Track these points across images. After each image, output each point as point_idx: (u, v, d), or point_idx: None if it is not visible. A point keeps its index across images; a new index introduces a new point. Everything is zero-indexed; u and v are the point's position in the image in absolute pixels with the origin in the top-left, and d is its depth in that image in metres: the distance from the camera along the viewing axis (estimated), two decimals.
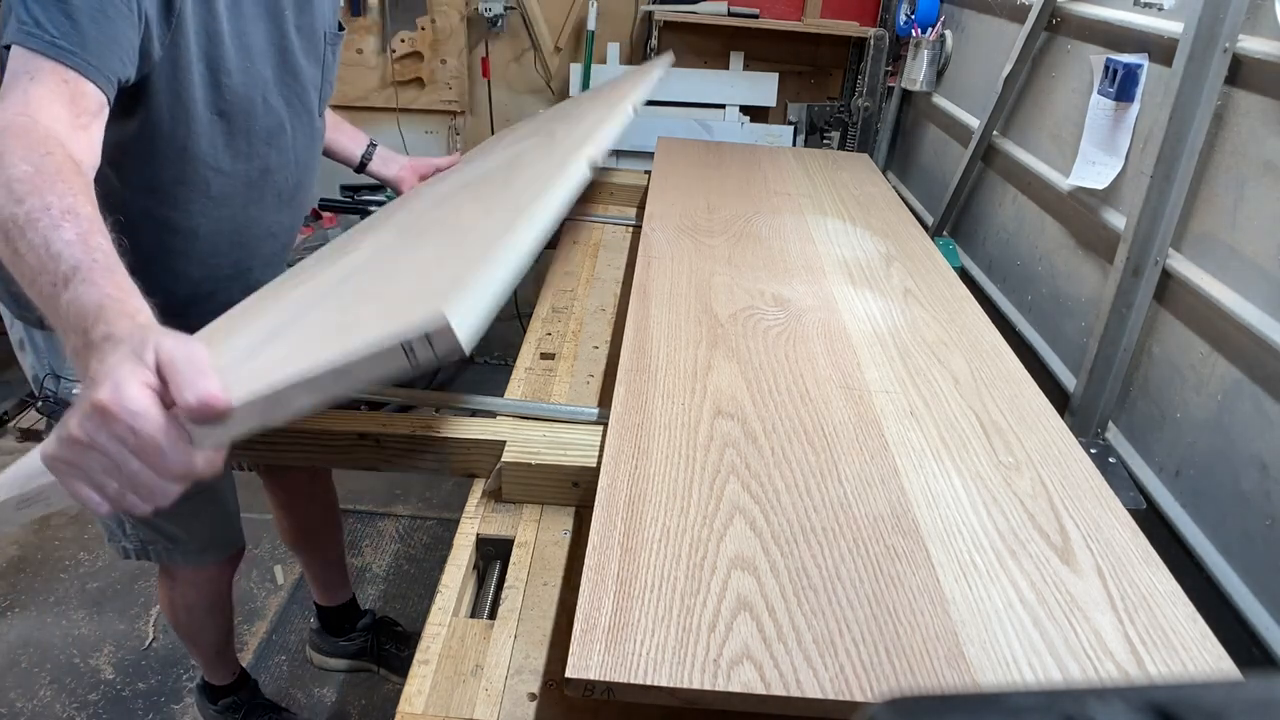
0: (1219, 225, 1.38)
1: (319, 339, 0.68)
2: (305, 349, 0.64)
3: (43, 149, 0.77)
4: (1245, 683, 0.25)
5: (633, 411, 1.01)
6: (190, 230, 1.19)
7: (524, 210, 0.74)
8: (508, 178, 0.91)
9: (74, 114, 0.86)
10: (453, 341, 0.55)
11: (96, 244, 0.69)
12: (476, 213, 0.83)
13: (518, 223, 0.70)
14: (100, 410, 0.56)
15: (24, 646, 1.97)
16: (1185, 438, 1.42)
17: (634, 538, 0.81)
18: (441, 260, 0.72)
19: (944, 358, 1.20)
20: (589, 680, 0.66)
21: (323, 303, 0.82)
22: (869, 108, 3.11)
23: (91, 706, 1.84)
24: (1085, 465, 0.98)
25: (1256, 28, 1.33)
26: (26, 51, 0.86)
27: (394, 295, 0.70)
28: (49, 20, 0.87)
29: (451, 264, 0.67)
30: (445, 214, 1.06)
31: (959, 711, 0.26)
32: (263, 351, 0.72)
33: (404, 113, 3.34)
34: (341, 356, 0.56)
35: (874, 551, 0.81)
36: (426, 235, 0.96)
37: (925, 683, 0.68)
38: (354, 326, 0.65)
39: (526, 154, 1.22)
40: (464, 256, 0.66)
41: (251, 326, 0.84)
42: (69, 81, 0.87)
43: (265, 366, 0.62)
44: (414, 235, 1.01)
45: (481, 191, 1.06)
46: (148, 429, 0.57)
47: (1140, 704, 0.24)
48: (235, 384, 0.59)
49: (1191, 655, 0.73)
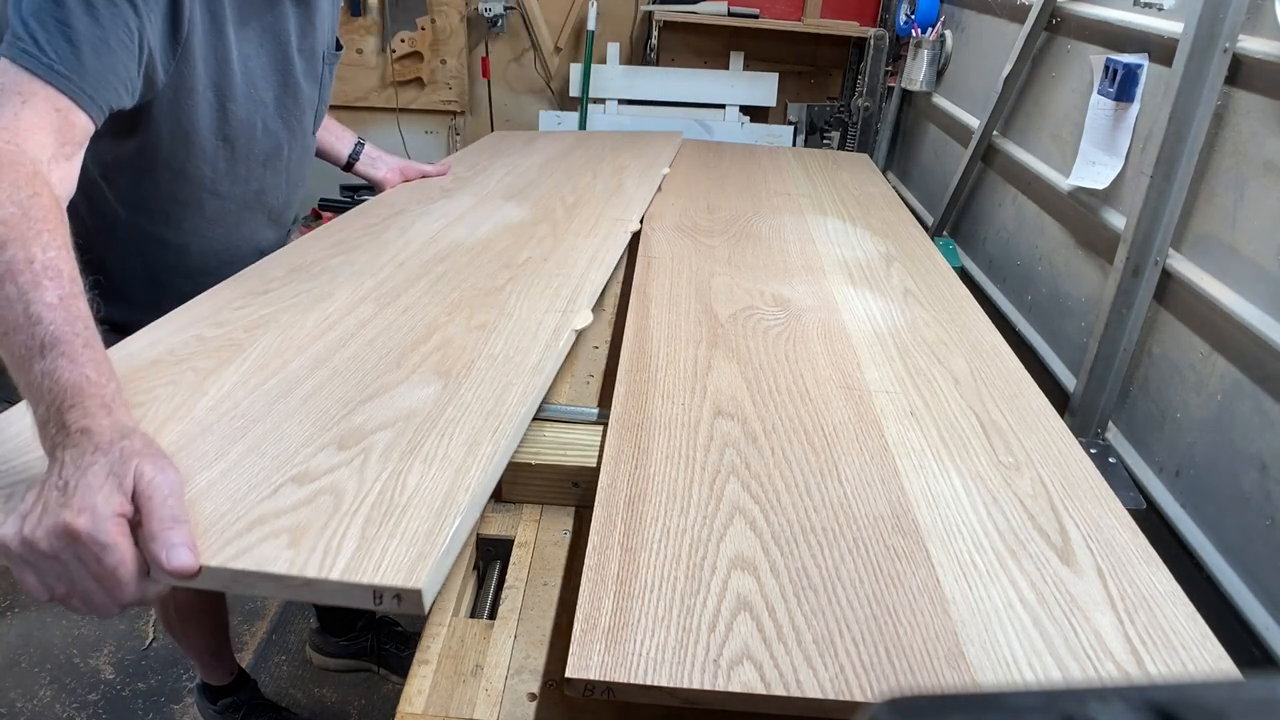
0: (1219, 225, 1.38)
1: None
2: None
3: (30, 188, 0.76)
4: (1246, 683, 0.25)
5: (633, 411, 1.01)
6: (181, 247, 1.19)
7: (499, 453, 0.75)
8: (502, 388, 0.85)
9: (59, 143, 0.85)
10: (418, 605, 0.60)
11: (77, 312, 0.69)
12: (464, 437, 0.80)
13: (495, 471, 0.73)
14: (72, 534, 0.57)
15: (24, 646, 1.97)
16: (1185, 438, 1.43)
17: (634, 538, 0.81)
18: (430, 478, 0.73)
19: (944, 358, 1.20)
20: (589, 680, 0.66)
21: (302, 411, 0.81)
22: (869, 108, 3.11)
23: (91, 706, 1.84)
24: (1085, 465, 0.98)
25: (1256, 28, 1.33)
26: (20, 70, 0.84)
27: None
28: (50, 43, 0.85)
29: (435, 504, 0.69)
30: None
31: (959, 711, 0.26)
32: (237, 465, 0.72)
33: (404, 113, 3.35)
34: (316, 573, 0.59)
35: (874, 551, 0.81)
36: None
37: (925, 683, 0.68)
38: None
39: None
40: (445, 506, 0.68)
41: (223, 399, 0.82)
42: (61, 110, 0.85)
43: (237, 524, 0.64)
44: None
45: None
46: (112, 562, 0.58)
47: (1140, 704, 0.24)
48: (207, 539, 0.62)
49: (1191, 655, 0.73)
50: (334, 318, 1.01)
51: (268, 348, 0.94)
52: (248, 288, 1.11)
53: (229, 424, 0.79)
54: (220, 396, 0.83)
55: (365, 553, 0.63)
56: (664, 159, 1.95)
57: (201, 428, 0.78)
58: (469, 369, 0.89)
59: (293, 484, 0.71)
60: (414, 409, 0.82)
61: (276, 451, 0.75)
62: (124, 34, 0.90)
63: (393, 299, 1.07)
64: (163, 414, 0.80)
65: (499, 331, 0.97)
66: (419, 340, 0.95)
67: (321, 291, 1.09)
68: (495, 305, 1.05)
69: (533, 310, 1.04)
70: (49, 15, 0.86)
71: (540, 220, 1.42)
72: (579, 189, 1.64)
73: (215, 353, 0.93)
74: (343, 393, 0.84)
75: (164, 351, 0.93)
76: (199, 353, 0.93)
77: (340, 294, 1.09)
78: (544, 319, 1.00)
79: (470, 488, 0.70)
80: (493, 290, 1.10)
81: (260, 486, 0.70)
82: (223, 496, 0.68)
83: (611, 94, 3.24)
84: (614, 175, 1.77)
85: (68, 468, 0.60)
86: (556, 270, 1.17)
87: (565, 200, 1.56)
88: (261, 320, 1.01)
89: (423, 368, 0.89)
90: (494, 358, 0.92)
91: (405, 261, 1.21)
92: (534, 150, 2.06)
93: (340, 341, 0.95)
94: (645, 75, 3.24)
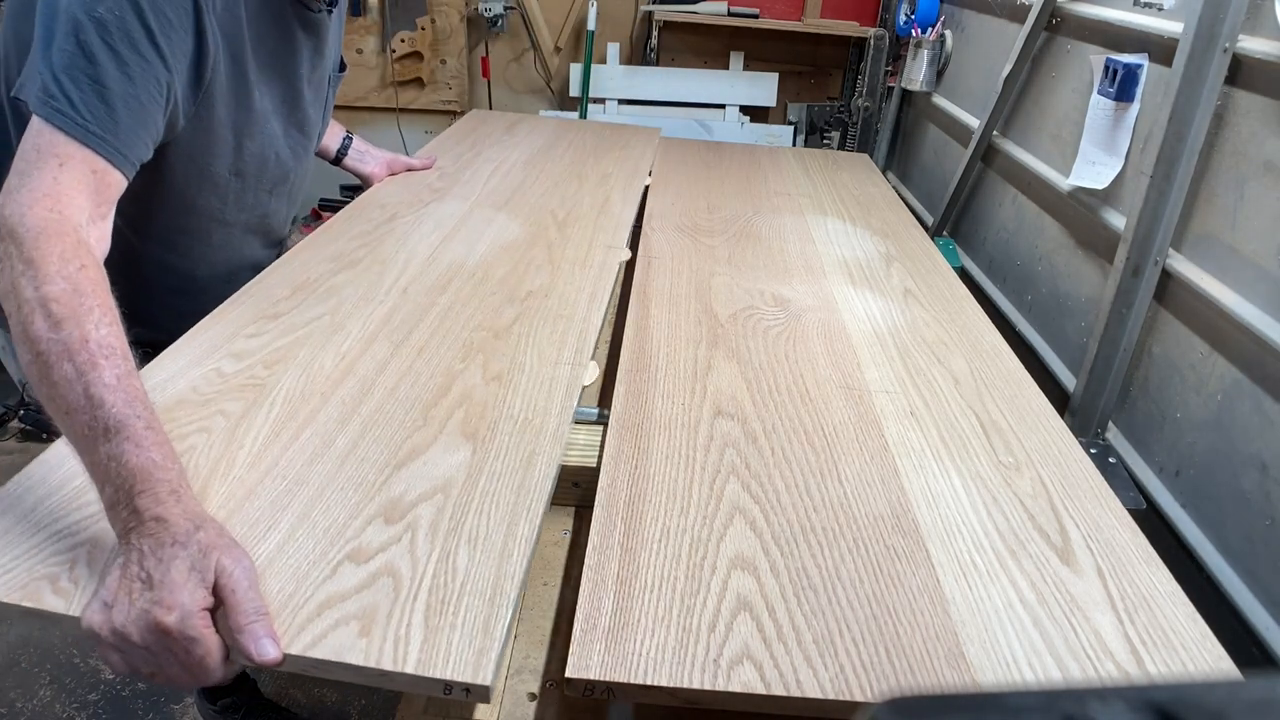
0: (1219, 225, 1.38)
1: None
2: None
3: (77, 260, 0.76)
4: (1246, 682, 0.25)
5: (633, 411, 1.01)
6: (187, 273, 1.20)
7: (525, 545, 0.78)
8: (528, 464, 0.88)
9: (96, 204, 0.85)
10: (486, 697, 0.64)
11: (135, 392, 0.71)
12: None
13: (530, 551, 0.78)
14: (163, 630, 0.61)
15: (24, 646, 1.97)
16: (1185, 438, 1.43)
17: (634, 538, 0.81)
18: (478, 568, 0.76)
19: (944, 358, 1.20)
20: (589, 680, 0.66)
21: (341, 476, 0.85)
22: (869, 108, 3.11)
23: (91, 706, 1.84)
24: (1085, 465, 0.98)
25: (1256, 28, 1.33)
26: (56, 131, 0.83)
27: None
28: (84, 102, 0.84)
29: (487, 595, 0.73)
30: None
31: (959, 711, 0.26)
32: (291, 537, 0.76)
33: (404, 113, 3.35)
34: (391, 666, 0.65)
35: (874, 551, 0.81)
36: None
37: (925, 683, 0.68)
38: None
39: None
40: (495, 594, 0.73)
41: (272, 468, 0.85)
42: (98, 172, 0.85)
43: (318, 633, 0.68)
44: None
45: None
46: (200, 653, 0.62)
47: (1141, 704, 0.24)
48: (279, 622, 0.67)
49: (1191, 655, 0.73)
50: (351, 357, 1.04)
51: (291, 390, 0.96)
52: (257, 309, 1.12)
53: (273, 485, 0.82)
54: (257, 451, 0.86)
55: (432, 644, 0.66)
56: (645, 165, 1.96)
57: (246, 489, 0.81)
58: (493, 431, 0.93)
59: (350, 563, 0.73)
60: (449, 477, 0.85)
61: (327, 523, 0.78)
62: (154, 89, 0.90)
63: (405, 336, 1.10)
64: (204, 469, 0.83)
65: (515, 388, 1.02)
66: (439, 392, 0.99)
67: (332, 321, 1.12)
68: (506, 352, 1.09)
69: (543, 361, 1.08)
70: (81, 72, 0.84)
71: (535, 241, 1.44)
72: (567, 201, 1.66)
73: (239, 392, 0.95)
74: (376, 454, 0.87)
75: (187, 388, 0.94)
76: (223, 391, 0.94)
77: (351, 325, 1.11)
78: (555, 373, 1.05)
79: (515, 575, 0.74)
80: (501, 331, 1.14)
81: (319, 564, 0.73)
82: (286, 574, 0.72)
83: (611, 94, 3.24)
84: (600, 185, 1.78)
85: (148, 559, 0.64)
86: (559, 310, 1.21)
87: (556, 215, 1.58)
88: (279, 355, 1.03)
89: (449, 427, 0.93)
90: (515, 419, 0.95)
91: (409, 287, 1.23)
92: (516, 140, 2.06)
93: (363, 389, 0.98)
94: (645, 75, 3.24)
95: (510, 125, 2.21)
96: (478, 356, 1.07)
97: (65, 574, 0.69)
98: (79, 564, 0.70)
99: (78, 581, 0.69)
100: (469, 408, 0.96)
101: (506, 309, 1.20)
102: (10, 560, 0.70)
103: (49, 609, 0.67)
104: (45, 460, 0.81)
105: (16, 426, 2.56)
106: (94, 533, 0.73)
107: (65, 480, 0.79)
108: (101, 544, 0.72)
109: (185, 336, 1.04)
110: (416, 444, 0.89)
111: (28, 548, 0.72)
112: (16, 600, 0.67)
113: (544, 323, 1.17)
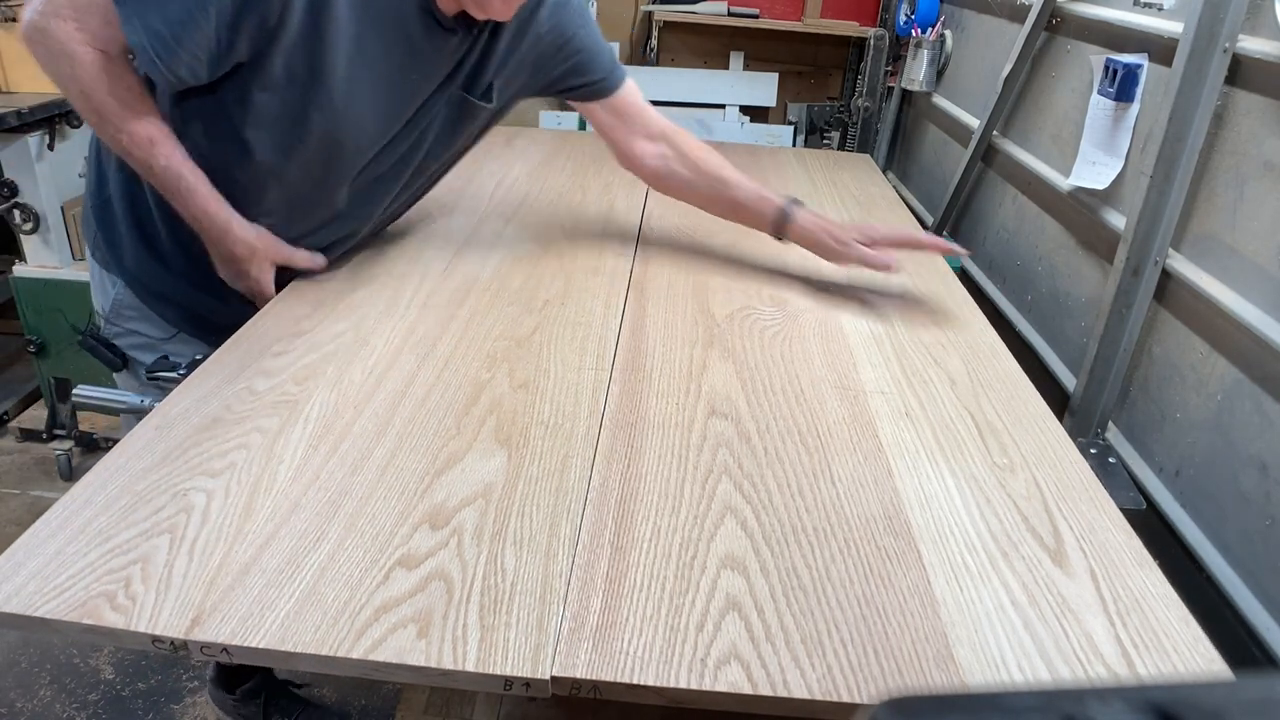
0: (1219, 225, 1.38)
1: None
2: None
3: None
4: (1245, 682, 0.25)
5: (626, 410, 1.01)
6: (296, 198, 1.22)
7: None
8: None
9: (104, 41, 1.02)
10: (546, 691, 0.66)
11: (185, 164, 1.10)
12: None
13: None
14: (244, 275, 1.19)
15: (24, 646, 1.97)
16: (1185, 438, 1.42)
17: (624, 536, 0.81)
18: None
19: (940, 358, 1.20)
20: (575, 679, 0.66)
21: (383, 485, 0.87)
22: (869, 108, 3.10)
23: (91, 706, 1.84)
24: (1080, 467, 0.98)
25: (1256, 28, 1.32)
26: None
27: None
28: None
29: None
30: None
31: (959, 711, 0.25)
32: (340, 546, 0.78)
33: None
34: (452, 664, 0.67)
35: (865, 552, 0.81)
36: None
37: (913, 684, 0.68)
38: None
39: None
40: (544, 591, 0.76)
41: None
42: (111, 24, 0.98)
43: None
44: None
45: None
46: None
47: (1140, 704, 0.24)
48: (338, 628, 0.70)
49: (1184, 658, 0.73)
50: (379, 370, 1.06)
51: (325, 405, 0.98)
52: (280, 328, 1.13)
53: (317, 497, 0.83)
54: (297, 465, 0.88)
55: (489, 642, 0.69)
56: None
57: (291, 501, 0.82)
58: (525, 437, 0.95)
59: (401, 568, 0.75)
60: (489, 482, 0.87)
61: (374, 531, 0.79)
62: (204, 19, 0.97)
63: (430, 348, 1.11)
64: (248, 486, 0.84)
65: (542, 394, 1.04)
66: (469, 401, 1.01)
67: (356, 336, 1.13)
68: (530, 360, 1.11)
69: (567, 367, 1.10)
70: None
71: (545, 251, 1.46)
72: (573, 211, 1.67)
73: (273, 409, 0.96)
74: (415, 463, 0.89)
75: (221, 408, 0.95)
76: (256, 409, 0.96)
77: (376, 340, 1.12)
78: (580, 378, 1.07)
79: (563, 573, 0.76)
80: (522, 340, 1.16)
81: (371, 571, 0.75)
82: (340, 582, 0.73)
83: None
84: (603, 194, 1.78)
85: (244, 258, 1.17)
86: (577, 318, 1.23)
87: (564, 225, 1.60)
88: (308, 371, 1.04)
89: (482, 434, 0.95)
90: (545, 424, 0.98)
91: (428, 300, 1.25)
92: (515, 153, 2.08)
93: (394, 400, 1.00)
94: (645, 75, 3.24)
95: (509, 138, 2.21)
96: (503, 365, 1.08)
97: (122, 591, 0.71)
98: (134, 580, 0.72)
99: (135, 598, 0.70)
100: (500, 415, 0.98)
101: (525, 318, 1.21)
102: (66, 579, 0.72)
103: (109, 625, 0.68)
104: (88, 482, 0.83)
105: (16, 427, 2.57)
106: (145, 550, 0.75)
107: (113, 499, 0.80)
108: (153, 560, 0.74)
109: (213, 357, 1.06)
110: (453, 451, 0.91)
111: (82, 567, 0.73)
112: (77, 619, 0.68)
113: (563, 330, 1.19)
